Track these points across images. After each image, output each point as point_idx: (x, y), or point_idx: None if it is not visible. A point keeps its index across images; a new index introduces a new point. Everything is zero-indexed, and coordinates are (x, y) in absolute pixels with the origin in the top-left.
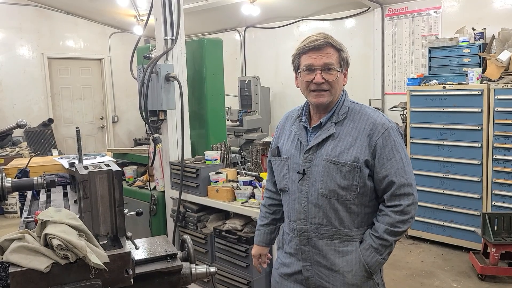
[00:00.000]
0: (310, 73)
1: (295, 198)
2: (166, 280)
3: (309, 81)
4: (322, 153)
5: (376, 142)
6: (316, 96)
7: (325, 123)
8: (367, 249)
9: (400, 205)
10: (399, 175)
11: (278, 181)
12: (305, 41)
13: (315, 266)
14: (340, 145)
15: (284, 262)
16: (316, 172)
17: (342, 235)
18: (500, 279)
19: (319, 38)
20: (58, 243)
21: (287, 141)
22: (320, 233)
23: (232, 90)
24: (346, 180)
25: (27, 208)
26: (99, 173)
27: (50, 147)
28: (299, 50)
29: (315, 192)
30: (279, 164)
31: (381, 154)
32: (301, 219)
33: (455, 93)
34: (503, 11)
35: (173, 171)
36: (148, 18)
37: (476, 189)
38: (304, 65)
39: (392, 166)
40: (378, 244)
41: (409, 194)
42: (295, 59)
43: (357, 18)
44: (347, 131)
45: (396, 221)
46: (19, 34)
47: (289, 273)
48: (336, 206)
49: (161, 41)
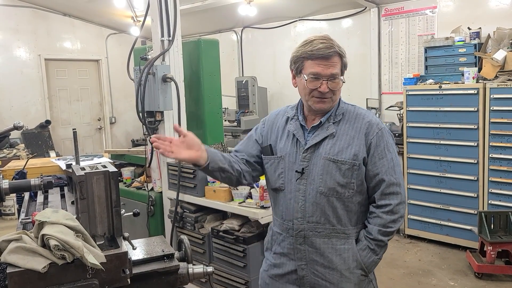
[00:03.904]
0: (315, 81)
1: (291, 197)
2: (163, 280)
3: (314, 88)
4: (321, 151)
5: (370, 141)
6: (318, 102)
7: (323, 123)
8: (363, 250)
9: (389, 204)
10: (389, 174)
11: (273, 180)
12: (311, 45)
13: (310, 264)
14: (338, 143)
15: (274, 263)
16: (315, 171)
17: (339, 233)
18: (497, 277)
19: (328, 46)
20: (55, 243)
21: (281, 140)
22: (318, 232)
23: (229, 90)
24: (345, 178)
25: (25, 210)
26: (95, 174)
27: (47, 149)
28: (305, 54)
29: (313, 190)
30: (273, 163)
31: (373, 153)
32: (298, 218)
33: (451, 92)
34: (498, 11)
35: (171, 172)
36: (144, 19)
37: (473, 187)
38: (310, 73)
39: (383, 165)
40: (374, 245)
41: (397, 193)
42: (298, 60)
43: (354, 18)
44: (344, 130)
45: (388, 221)
46: (16, 35)
47: (280, 274)
48: (334, 203)
49: (157, 42)
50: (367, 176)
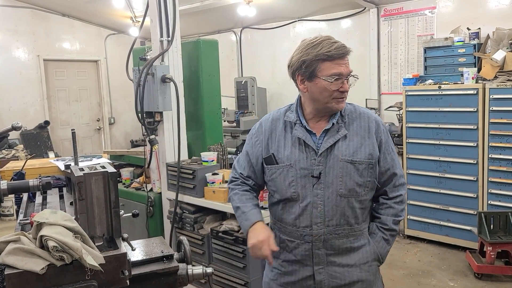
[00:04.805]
0: (338, 81)
1: (306, 204)
2: (163, 281)
3: (336, 89)
4: (336, 154)
5: (380, 138)
6: (339, 102)
7: (333, 125)
8: (379, 241)
9: (400, 195)
10: (397, 167)
11: (282, 190)
12: (322, 47)
13: (328, 267)
14: (351, 144)
15: (285, 271)
16: (332, 174)
17: (356, 231)
18: (497, 278)
19: (342, 45)
20: (54, 244)
21: (285, 147)
22: (337, 234)
23: (229, 91)
24: (362, 178)
25: (23, 211)
26: (94, 175)
27: (46, 149)
28: (322, 56)
29: (333, 194)
30: (281, 172)
31: (384, 149)
32: (317, 223)
33: (450, 92)
34: (497, 11)
35: (170, 173)
36: (143, 19)
37: (472, 188)
38: (333, 74)
39: (392, 159)
40: (389, 235)
41: (404, 183)
42: (311, 64)
43: (353, 18)
44: (354, 130)
45: (399, 210)
46: (15, 36)
47: (293, 281)
48: (353, 204)
49: (157, 42)
50: (379, 172)
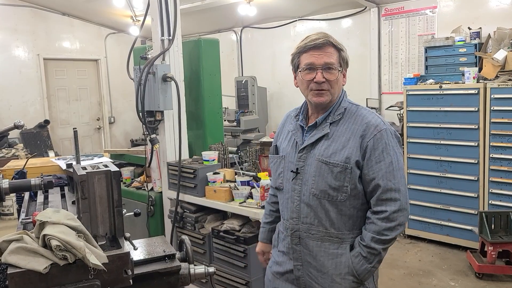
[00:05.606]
0: (311, 72)
1: (288, 197)
2: (165, 281)
3: (310, 80)
4: (315, 152)
5: (367, 143)
6: (317, 95)
7: (320, 123)
8: (356, 257)
9: (385, 211)
10: (386, 178)
11: (274, 179)
12: (305, 40)
13: (305, 266)
14: (333, 145)
15: (277, 261)
16: (309, 172)
17: (332, 237)
18: (498, 278)
19: (320, 37)
20: (57, 243)
21: (285, 140)
22: (311, 233)
23: (229, 90)
24: (337, 181)
25: (25, 210)
26: (97, 174)
27: (46, 149)
28: (299, 48)
29: (307, 191)
30: (276, 162)
31: (370, 156)
32: (293, 218)
33: (451, 92)
34: (498, 11)
35: (171, 172)
36: (144, 18)
37: (473, 188)
38: (304, 64)
39: (380, 169)
40: (366, 253)
41: (395, 199)
42: (295, 58)
43: (354, 18)
44: (341, 132)
45: (383, 228)
46: (15, 35)
47: (281, 272)
48: (326, 206)
49: (157, 41)
50: (363, 181)
